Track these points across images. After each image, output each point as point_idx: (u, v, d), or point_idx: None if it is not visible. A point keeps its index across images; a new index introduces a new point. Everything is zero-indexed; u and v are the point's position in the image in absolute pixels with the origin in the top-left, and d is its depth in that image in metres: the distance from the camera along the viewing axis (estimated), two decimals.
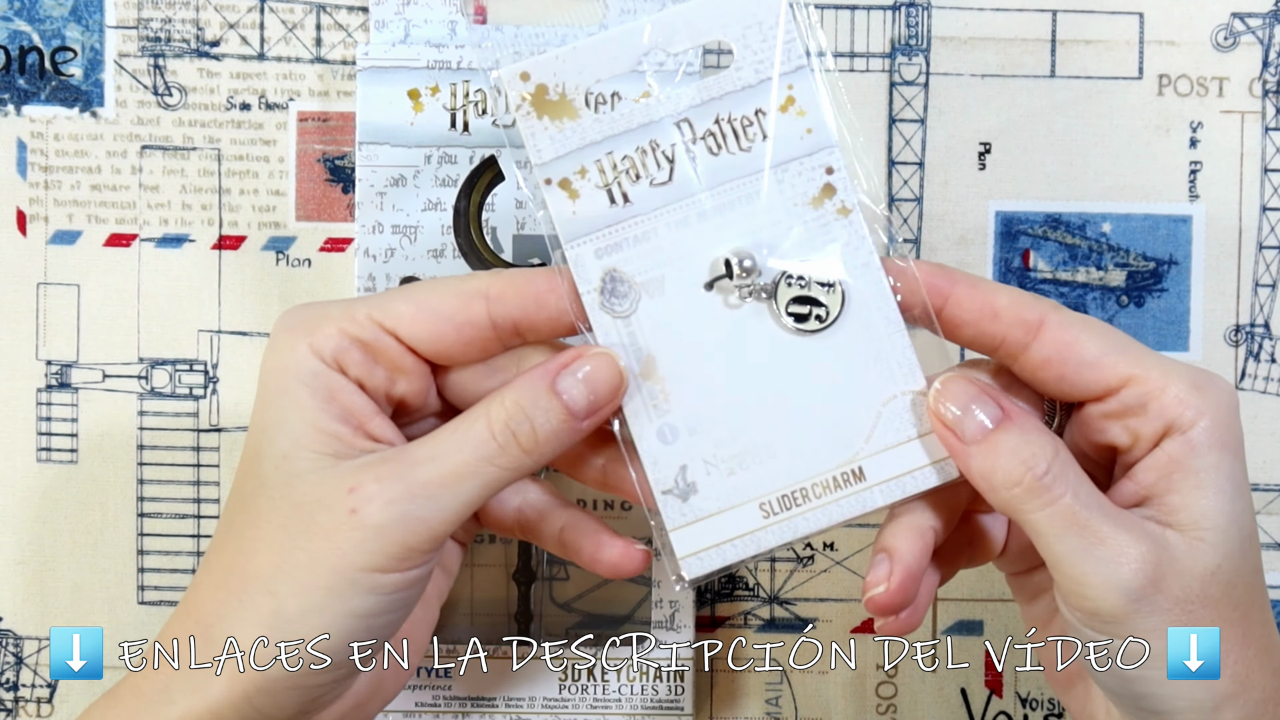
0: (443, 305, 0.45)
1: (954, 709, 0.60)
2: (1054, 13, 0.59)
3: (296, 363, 0.45)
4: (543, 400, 0.45)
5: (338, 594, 0.44)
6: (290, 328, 0.45)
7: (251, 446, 0.45)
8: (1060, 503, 0.43)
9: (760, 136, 0.46)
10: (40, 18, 0.59)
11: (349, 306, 0.46)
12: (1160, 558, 0.43)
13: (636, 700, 0.57)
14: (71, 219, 0.59)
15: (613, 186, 0.46)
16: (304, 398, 0.45)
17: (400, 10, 0.57)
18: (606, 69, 0.46)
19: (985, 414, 0.45)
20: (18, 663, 0.59)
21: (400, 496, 0.44)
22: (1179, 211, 0.59)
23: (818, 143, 0.46)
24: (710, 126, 0.46)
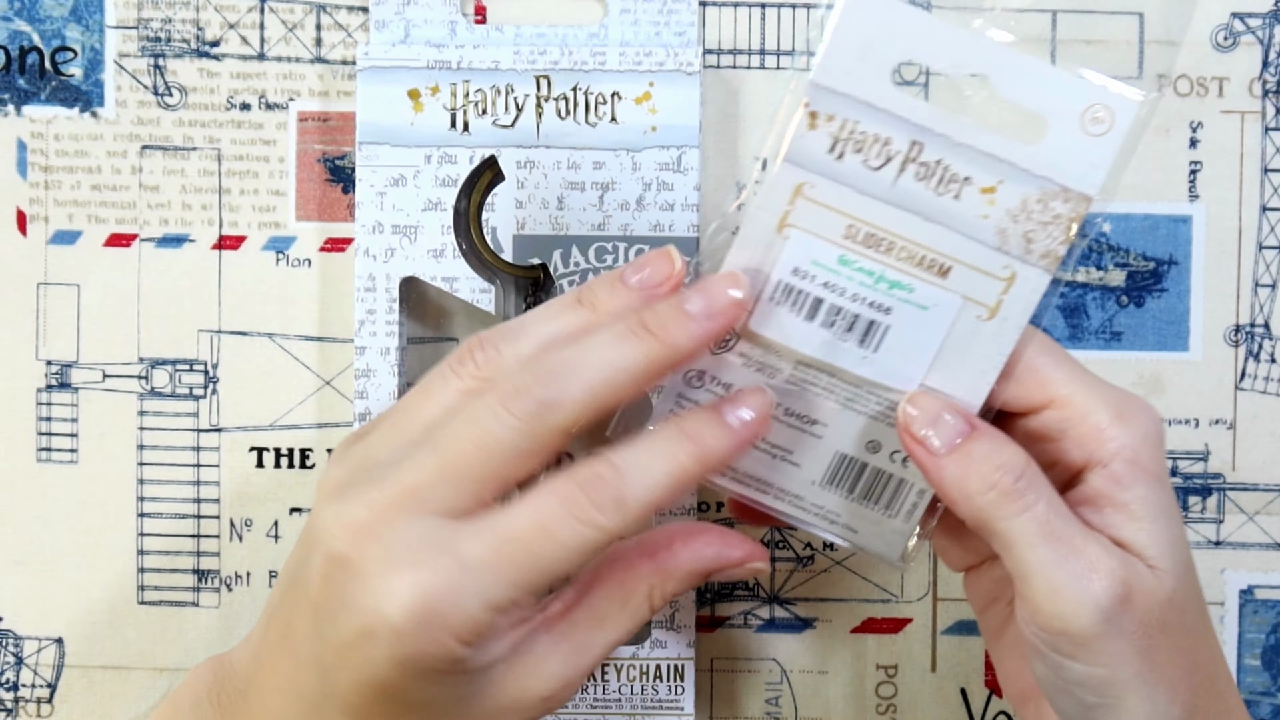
0: (572, 569, 0.43)
1: (954, 709, 0.60)
2: (1054, 13, 0.59)
3: (445, 654, 0.42)
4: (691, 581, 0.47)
5: None
6: (428, 624, 0.42)
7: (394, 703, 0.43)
8: (1035, 509, 0.43)
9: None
10: (40, 18, 0.59)
11: (483, 598, 0.42)
12: (1130, 576, 0.43)
13: (636, 700, 0.57)
14: (71, 219, 0.59)
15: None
16: (461, 671, 0.43)
17: (400, 10, 0.57)
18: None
19: (955, 425, 0.45)
20: (18, 663, 0.60)
21: (583, 678, 0.45)
22: (1179, 211, 0.59)
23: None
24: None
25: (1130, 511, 0.44)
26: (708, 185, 0.59)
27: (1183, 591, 0.44)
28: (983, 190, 0.44)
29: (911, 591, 0.60)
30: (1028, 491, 0.44)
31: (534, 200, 0.57)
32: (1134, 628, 0.43)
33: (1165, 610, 0.44)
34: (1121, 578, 0.43)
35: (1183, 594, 0.44)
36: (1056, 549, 0.43)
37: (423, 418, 0.44)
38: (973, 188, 0.44)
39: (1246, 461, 0.59)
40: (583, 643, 0.44)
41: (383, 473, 0.43)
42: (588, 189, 0.57)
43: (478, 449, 0.42)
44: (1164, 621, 0.44)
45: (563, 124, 0.56)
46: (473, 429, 0.42)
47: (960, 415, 0.45)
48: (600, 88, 0.56)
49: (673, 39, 0.57)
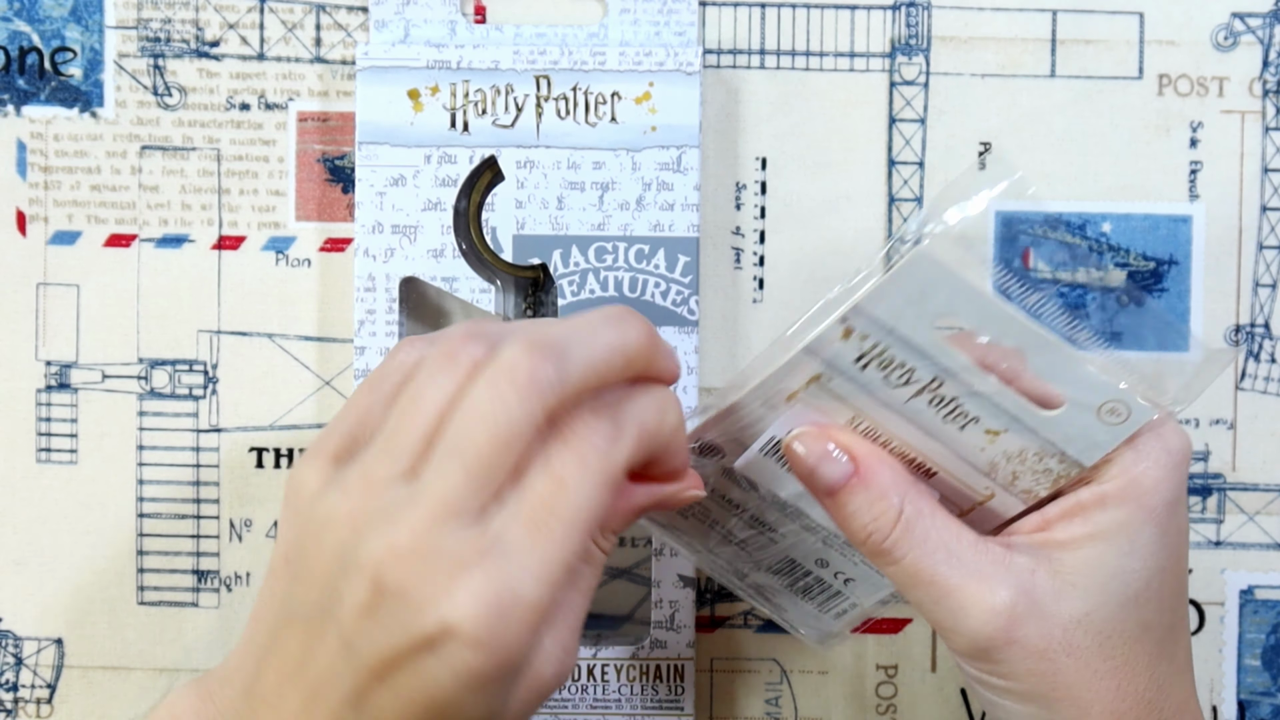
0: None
1: (954, 709, 0.60)
2: (1054, 13, 0.59)
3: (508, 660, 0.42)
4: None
5: None
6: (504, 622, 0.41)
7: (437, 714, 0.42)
8: (903, 562, 0.45)
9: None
10: (40, 18, 0.59)
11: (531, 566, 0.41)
12: (1016, 605, 0.44)
13: (636, 700, 0.57)
14: (71, 219, 0.59)
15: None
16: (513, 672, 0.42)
17: (400, 10, 0.57)
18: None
19: (832, 471, 0.45)
20: (17, 663, 0.59)
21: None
22: (1179, 211, 0.59)
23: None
24: None
25: (1094, 529, 0.44)
26: (708, 185, 0.59)
27: (1103, 616, 0.44)
28: (987, 431, 0.45)
29: None
30: (895, 547, 0.45)
31: (534, 200, 0.57)
32: (1025, 653, 0.44)
33: (1071, 631, 0.44)
34: (1004, 608, 0.44)
35: (1103, 619, 0.44)
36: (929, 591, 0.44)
37: (423, 418, 0.43)
38: (979, 426, 0.45)
39: (1246, 461, 0.59)
40: (564, 606, 0.43)
41: (410, 489, 0.42)
42: (588, 189, 0.57)
43: (493, 441, 0.41)
44: (1069, 643, 0.44)
45: (563, 124, 0.56)
46: (485, 422, 0.42)
47: (840, 457, 0.45)
48: (600, 88, 0.56)
49: (673, 39, 0.57)
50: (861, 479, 0.45)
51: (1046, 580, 0.44)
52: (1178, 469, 0.45)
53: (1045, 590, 0.44)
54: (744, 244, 0.59)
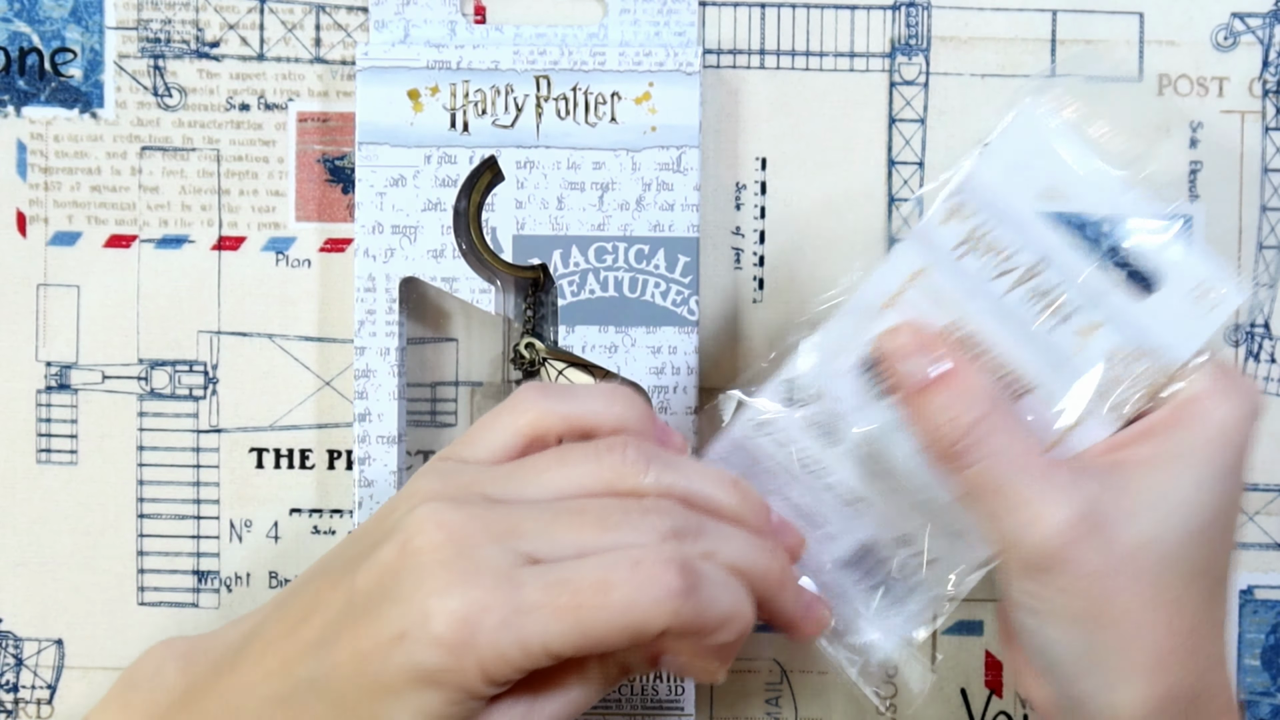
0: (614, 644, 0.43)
1: (954, 709, 0.60)
2: (1054, 13, 0.59)
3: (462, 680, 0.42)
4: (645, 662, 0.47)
5: None
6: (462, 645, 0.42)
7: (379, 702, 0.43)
8: (976, 467, 0.44)
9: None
10: (40, 19, 0.59)
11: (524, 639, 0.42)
12: (1082, 522, 0.44)
13: (636, 700, 0.57)
14: (71, 220, 0.59)
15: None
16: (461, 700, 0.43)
17: (400, 10, 0.57)
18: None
19: (922, 365, 0.45)
20: (17, 664, 0.59)
21: None
22: (1179, 211, 0.59)
23: None
24: None
25: (1157, 456, 0.45)
26: (707, 185, 0.59)
27: (1167, 546, 0.44)
28: (1078, 332, 0.45)
29: None
30: (968, 452, 0.44)
31: (534, 200, 0.57)
32: (1088, 569, 0.44)
33: (1135, 555, 0.44)
34: (1068, 525, 0.43)
35: (1167, 549, 0.44)
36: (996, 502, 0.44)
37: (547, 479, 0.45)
38: (1069, 325, 0.45)
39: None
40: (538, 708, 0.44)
41: (492, 501, 0.43)
42: (587, 189, 0.57)
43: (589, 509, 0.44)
44: (1130, 566, 0.44)
45: (562, 124, 0.56)
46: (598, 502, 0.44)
47: (932, 352, 0.45)
48: (600, 88, 0.56)
49: (672, 39, 0.57)
50: (953, 376, 0.45)
51: (1114, 501, 0.44)
52: (1249, 419, 0.45)
53: (1112, 511, 0.44)
54: (744, 244, 0.59)
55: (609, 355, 0.56)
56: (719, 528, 0.45)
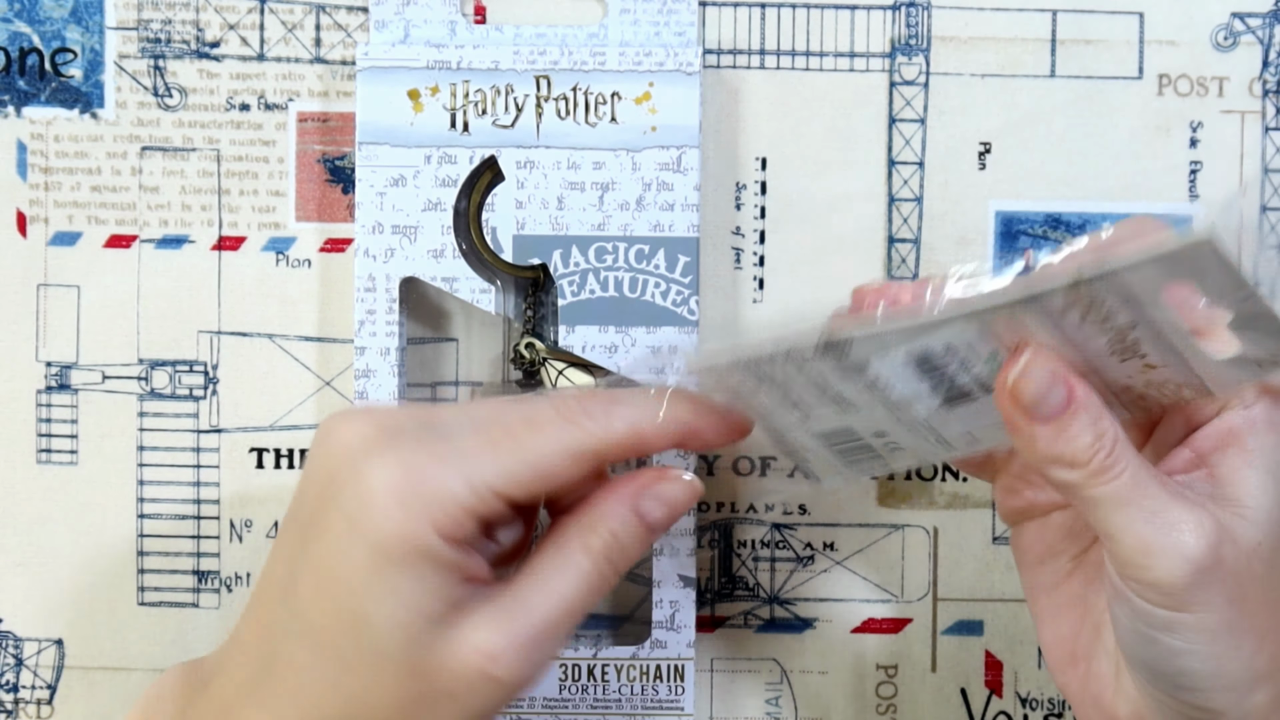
0: (557, 469, 0.45)
1: (954, 709, 0.60)
2: (1054, 13, 0.59)
3: (419, 541, 0.44)
4: (631, 525, 0.46)
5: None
6: (407, 499, 0.44)
7: (353, 608, 0.44)
8: (1122, 478, 0.44)
9: None
10: (40, 19, 0.59)
11: (467, 476, 0.44)
12: (1219, 528, 0.43)
13: (636, 700, 0.57)
14: (71, 220, 0.59)
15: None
16: (427, 573, 0.44)
17: (400, 10, 0.57)
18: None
19: (1057, 396, 0.45)
20: (17, 664, 0.59)
21: (530, 647, 0.45)
22: (1179, 211, 0.59)
23: None
24: None
25: (1250, 456, 0.44)
26: (707, 185, 0.59)
27: (1270, 544, 0.44)
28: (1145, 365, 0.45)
29: (911, 591, 0.60)
30: (1115, 464, 0.44)
31: (534, 200, 0.57)
32: (1226, 575, 0.43)
33: (1252, 559, 0.44)
34: (1211, 529, 0.43)
35: (1271, 546, 0.44)
36: (1143, 507, 0.43)
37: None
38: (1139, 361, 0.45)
39: None
40: (523, 605, 0.45)
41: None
42: (587, 189, 0.57)
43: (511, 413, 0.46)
44: (1251, 571, 0.44)
45: (562, 124, 0.56)
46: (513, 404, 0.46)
47: (1064, 385, 0.45)
48: (600, 88, 0.56)
49: (673, 39, 0.57)
50: (1081, 402, 0.44)
51: (1222, 510, 0.44)
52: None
53: (1229, 519, 0.44)
54: (744, 244, 0.59)
55: (609, 355, 0.56)
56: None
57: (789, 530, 0.60)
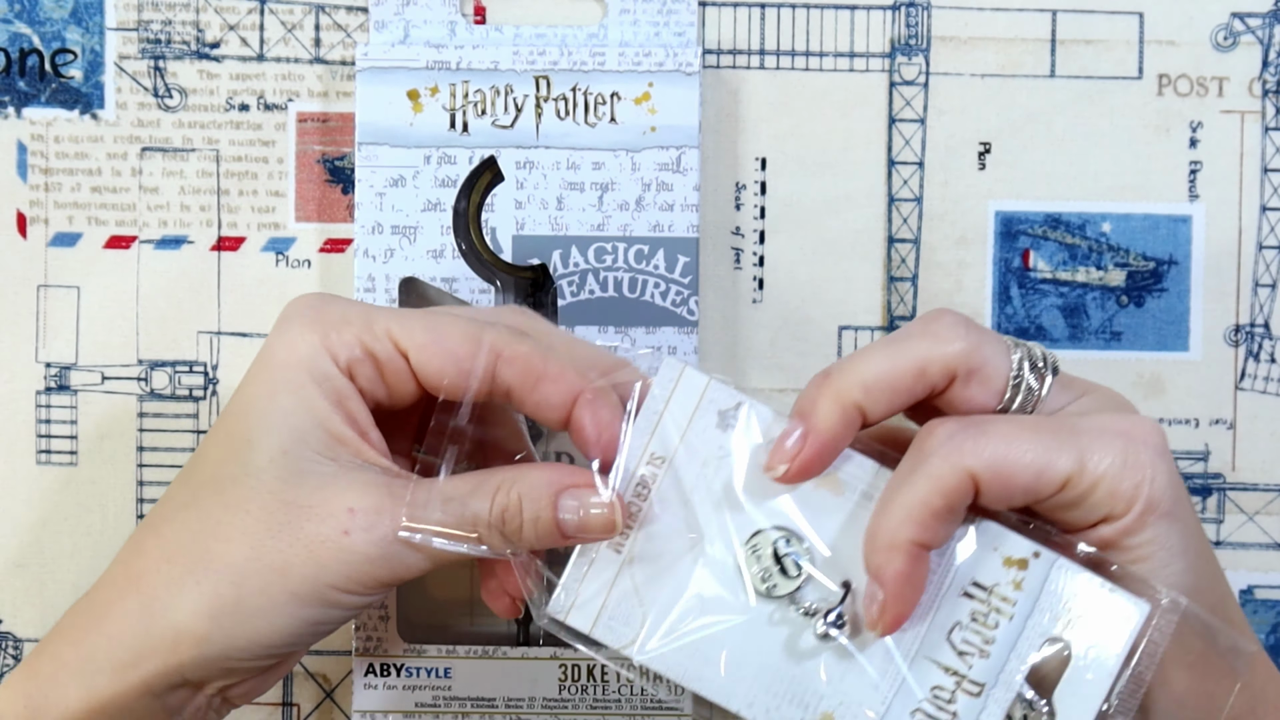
0: (457, 345, 0.45)
1: None
2: (1054, 13, 0.59)
3: (310, 358, 0.45)
4: (544, 510, 0.45)
5: (303, 602, 0.44)
6: (308, 321, 0.46)
7: (240, 430, 0.45)
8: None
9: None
10: (40, 20, 0.59)
11: (368, 316, 0.46)
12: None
13: (636, 700, 0.57)
14: (71, 221, 0.59)
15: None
16: (315, 396, 0.45)
17: (400, 10, 0.57)
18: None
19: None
20: (17, 664, 0.59)
21: (395, 537, 0.44)
22: (1179, 211, 0.59)
23: None
24: None
25: (1137, 554, 0.44)
26: (707, 185, 0.59)
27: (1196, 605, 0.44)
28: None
29: None
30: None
31: (533, 200, 0.57)
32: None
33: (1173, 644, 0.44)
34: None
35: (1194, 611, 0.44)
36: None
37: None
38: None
39: (1246, 461, 0.59)
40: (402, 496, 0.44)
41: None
42: (587, 189, 0.57)
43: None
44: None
45: (562, 124, 0.56)
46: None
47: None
48: (600, 88, 0.56)
49: (672, 39, 0.57)
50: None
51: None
52: (1162, 460, 0.44)
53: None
54: (744, 244, 0.59)
55: None
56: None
57: None
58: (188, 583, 0.44)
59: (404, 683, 0.56)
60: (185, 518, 0.45)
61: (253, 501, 0.44)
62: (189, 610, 0.44)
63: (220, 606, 0.44)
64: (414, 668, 0.56)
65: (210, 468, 0.46)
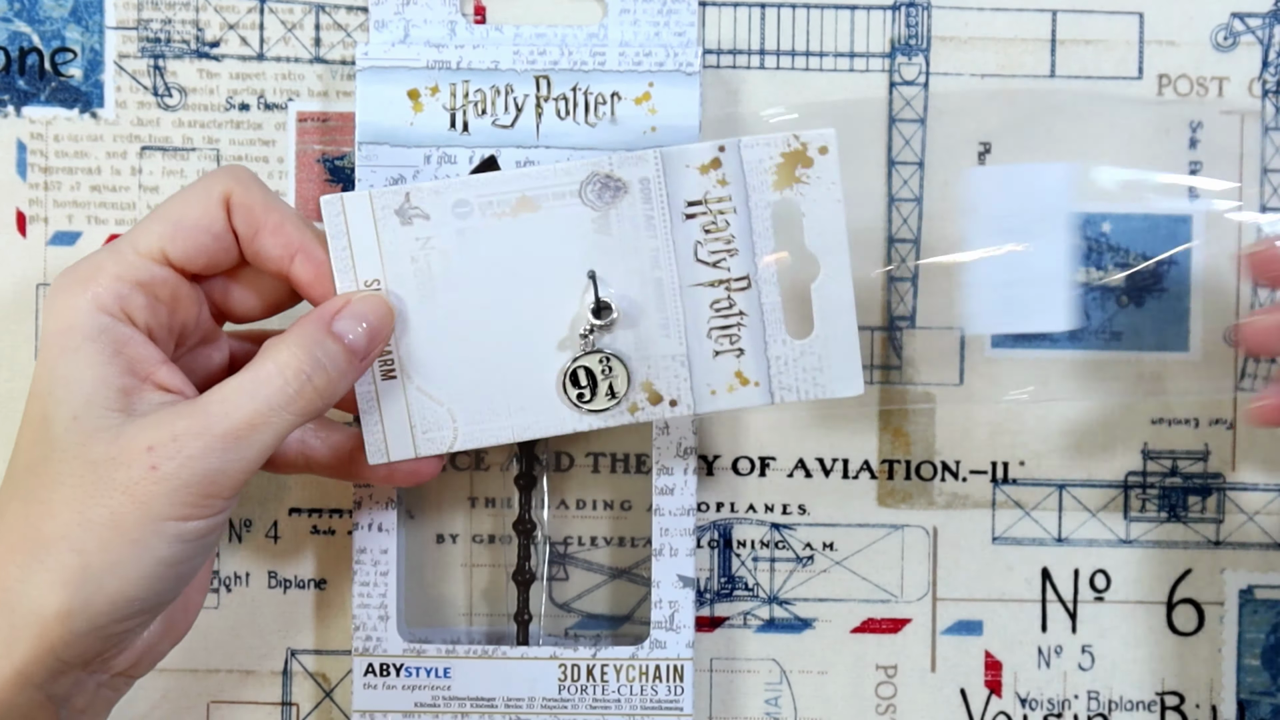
0: (193, 216, 0.48)
1: (953, 709, 0.60)
2: (1054, 13, 0.59)
3: (81, 319, 0.46)
4: (327, 344, 0.47)
5: (145, 545, 0.45)
6: (69, 285, 0.47)
7: (36, 410, 0.46)
8: None
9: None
10: (40, 19, 0.59)
11: (115, 249, 0.47)
12: None
13: (636, 700, 0.57)
14: (71, 220, 0.59)
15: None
16: (92, 354, 0.46)
17: (400, 10, 0.57)
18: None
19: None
20: None
21: (199, 452, 0.45)
22: (1179, 211, 0.59)
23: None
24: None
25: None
26: None
27: None
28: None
29: (911, 591, 0.60)
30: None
31: None
32: None
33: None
34: None
35: None
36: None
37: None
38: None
39: (1246, 461, 0.59)
40: (200, 409, 0.46)
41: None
42: None
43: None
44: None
45: (562, 124, 0.56)
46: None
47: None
48: (600, 88, 0.56)
49: (672, 39, 0.57)
50: None
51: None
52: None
53: None
54: None
55: None
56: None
57: (788, 530, 0.60)
58: (33, 566, 0.45)
59: (403, 682, 0.56)
60: (14, 508, 0.46)
61: (63, 473, 0.45)
62: (43, 590, 0.45)
63: (69, 577, 0.44)
64: (413, 667, 0.56)
65: (23, 455, 0.47)
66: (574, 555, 0.60)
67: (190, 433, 0.45)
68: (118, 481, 0.45)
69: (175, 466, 0.45)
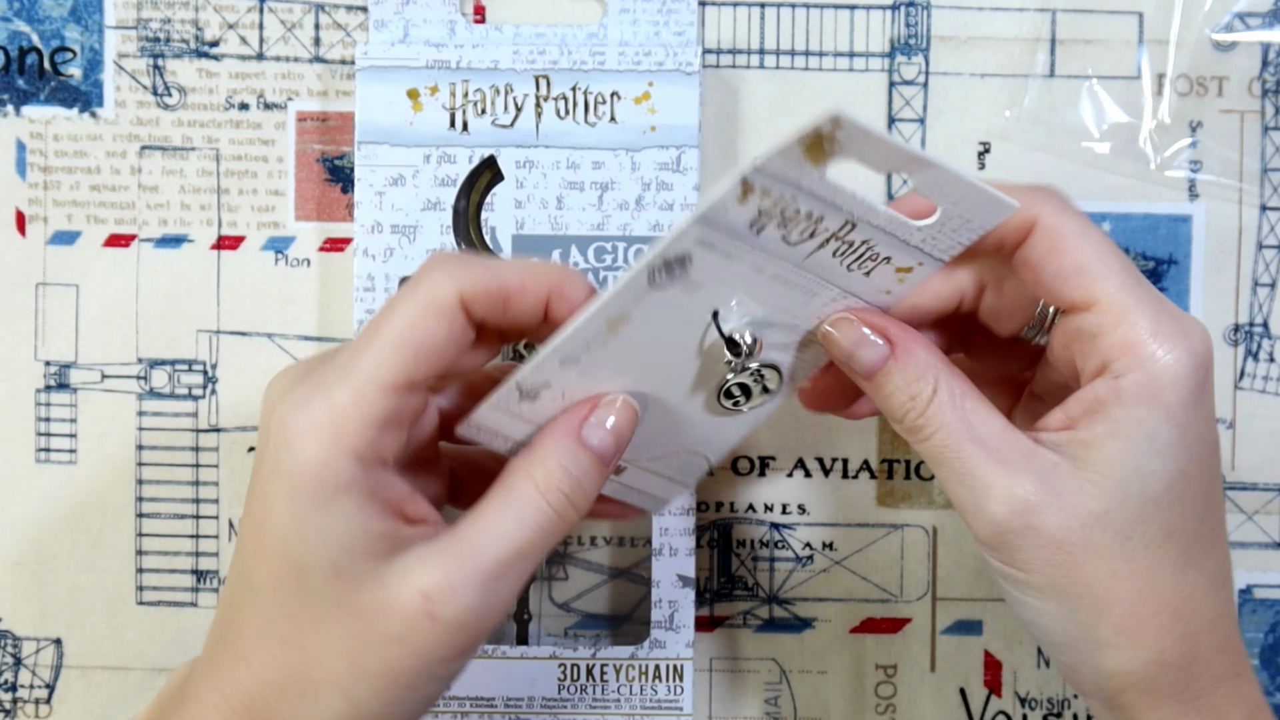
0: (438, 337, 0.44)
1: (953, 709, 0.60)
2: (1054, 13, 0.59)
3: (333, 473, 0.43)
4: (579, 457, 0.45)
5: (419, 691, 0.44)
6: (312, 431, 0.43)
7: (285, 557, 0.43)
8: (932, 439, 0.45)
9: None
10: (40, 18, 0.59)
11: (350, 383, 0.43)
12: (1035, 494, 0.44)
13: (636, 700, 0.57)
14: (70, 219, 0.59)
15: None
16: (349, 506, 0.43)
17: (399, 10, 0.57)
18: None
19: (870, 354, 0.46)
20: (16, 664, 0.59)
21: (477, 590, 0.43)
22: (1179, 211, 0.59)
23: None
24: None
25: (1113, 427, 0.44)
26: (707, 185, 0.59)
27: (1123, 515, 0.44)
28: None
29: (911, 591, 0.60)
30: (926, 425, 0.45)
31: (533, 200, 0.57)
32: (1043, 542, 0.44)
33: (1090, 527, 0.44)
34: (1020, 497, 0.44)
35: (1123, 517, 0.44)
36: (953, 470, 0.45)
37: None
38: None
39: (1246, 461, 0.59)
40: (466, 543, 0.43)
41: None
42: (587, 189, 0.57)
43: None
44: (1087, 539, 0.44)
45: (562, 124, 0.56)
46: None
47: (876, 339, 0.46)
48: (599, 87, 0.56)
49: (672, 39, 0.57)
50: (898, 360, 0.45)
51: (1069, 475, 0.44)
52: (1199, 369, 0.44)
53: (1066, 484, 0.44)
54: None
55: None
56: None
57: (788, 530, 0.60)
58: (304, 708, 0.43)
59: None
60: (273, 651, 0.44)
61: (328, 624, 0.43)
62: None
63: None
64: None
65: (271, 599, 0.44)
66: (574, 555, 0.60)
67: (464, 573, 0.43)
68: (392, 632, 0.43)
69: (454, 610, 0.43)
